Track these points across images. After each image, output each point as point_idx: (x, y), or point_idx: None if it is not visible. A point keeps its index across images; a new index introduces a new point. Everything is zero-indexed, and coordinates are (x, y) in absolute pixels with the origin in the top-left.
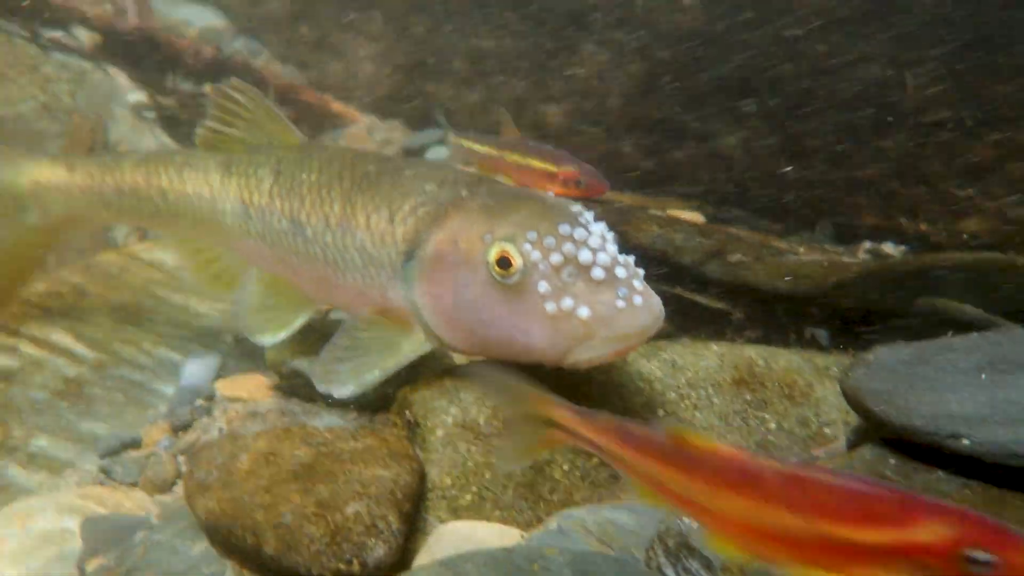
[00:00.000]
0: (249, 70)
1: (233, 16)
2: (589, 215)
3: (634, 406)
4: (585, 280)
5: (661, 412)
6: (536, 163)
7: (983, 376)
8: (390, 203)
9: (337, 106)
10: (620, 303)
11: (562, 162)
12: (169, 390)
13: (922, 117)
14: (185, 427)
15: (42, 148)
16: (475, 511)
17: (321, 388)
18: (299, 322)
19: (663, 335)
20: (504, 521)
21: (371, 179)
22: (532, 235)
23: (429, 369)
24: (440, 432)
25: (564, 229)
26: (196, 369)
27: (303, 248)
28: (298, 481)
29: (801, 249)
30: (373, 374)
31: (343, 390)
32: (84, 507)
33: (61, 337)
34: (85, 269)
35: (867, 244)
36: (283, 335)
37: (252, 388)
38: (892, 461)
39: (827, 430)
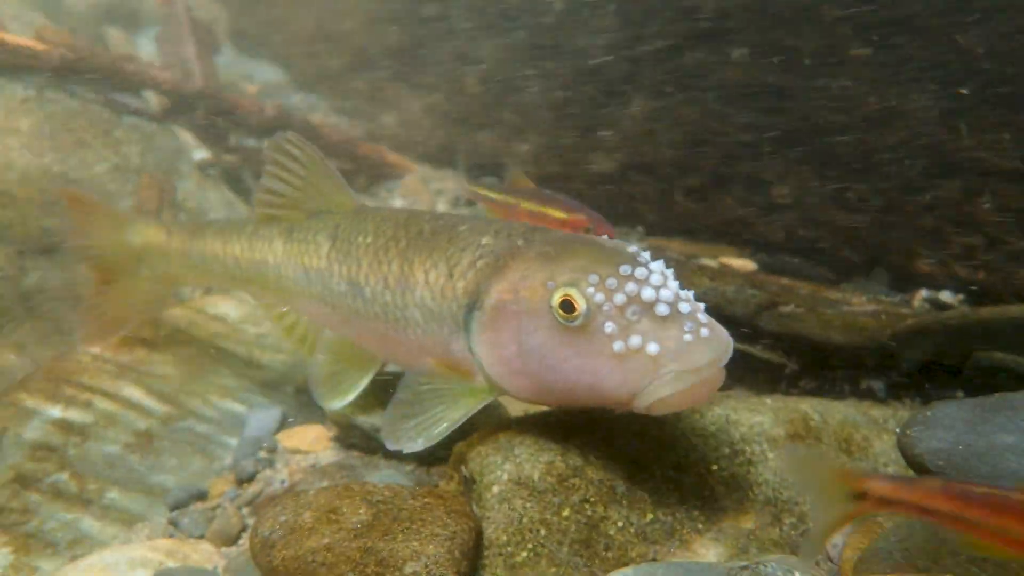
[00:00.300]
0: (308, 127)
1: (291, 71)
2: (646, 255)
3: (688, 462)
4: (650, 317)
5: (715, 467)
6: (549, 211)
7: None
8: (448, 259)
9: (392, 157)
10: (688, 336)
11: (572, 209)
12: (233, 442)
13: (978, 165)
14: (249, 479)
15: (119, 207)
16: (531, 568)
17: (391, 446)
18: (364, 382)
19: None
20: None
21: (426, 237)
22: (594, 278)
23: (484, 424)
24: (496, 489)
25: (624, 269)
26: (259, 421)
27: (363, 308)
28: (358, 540)
29: (855, 299)
30: (441, 427)
31: (413, 445)
32: (155, 560)
33: (132, 391)
34: (154, 324)
35: (923, 292)
36: (351, 398)
37: (312, 440)
38: None
39: None
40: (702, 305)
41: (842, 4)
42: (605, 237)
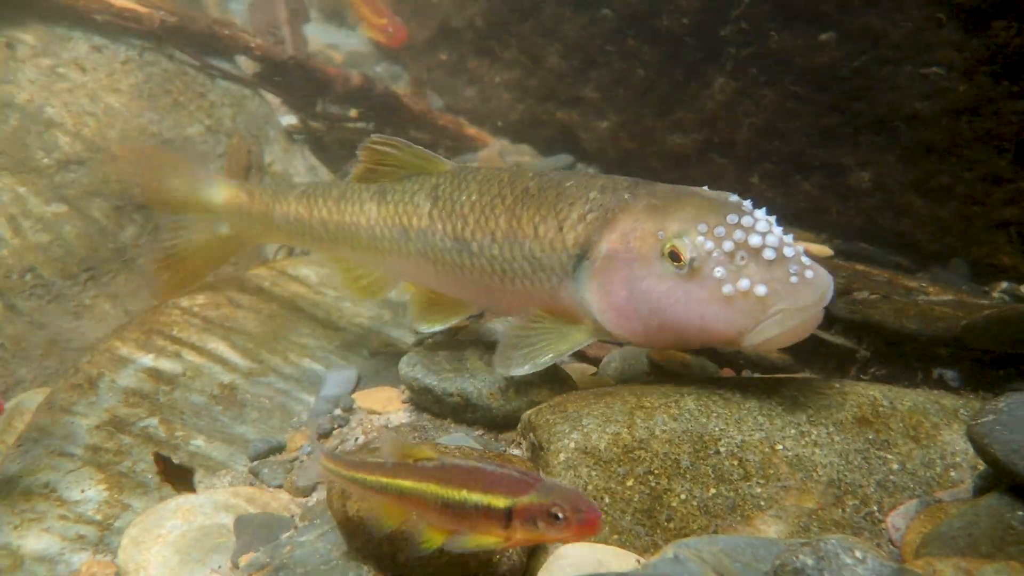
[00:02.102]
0: (391, 96)
1: (376, 41)
2: (749, 203)
3: (753, 440)
4: (758, 262)
5: (780, 447)
6: None
7: None
8: (557, 213)
9: (471, 130)
10: (794, 278)
11: None
12: (311, 399)
13: None
14: (326, 435)
15: (206, 167)
16: None
17: (500, 370)
18: (455, 320)
19: (783, 370)
20: (622, 545)
21: (532, 194)
22: (703, 227)
23: (552, 391)
24: (562, 456)
25: (731, 218)
26: (336, 380)
27: (468, 263)
28: None
29: (931, 288)
30: (547, 356)
31: (520, 370)
32: (237, 505)
33: (217, 345)
34: (239, 282)
35: (1004, 284)
36: (438, 328)
37: (385, 401)
38: (1020, 512)
39: (953, 473)
40: (802, 247)
41: None
42: (705, 188)
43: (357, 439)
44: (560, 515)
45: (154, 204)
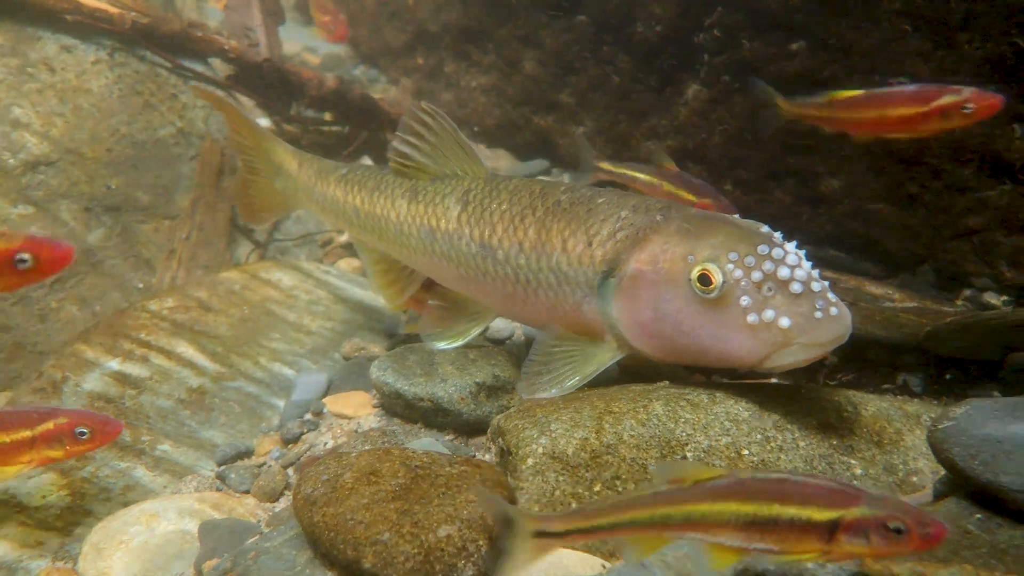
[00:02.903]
0: (367, 100)
1: (355, 44)
2: (780, 235)
3: (720, 445)
4: (784, 294)
5: (746, 452)
6: (682, 193)
7: None
8: (587, 229)
9: None
10: (819, 314)
11: (702, 193)
12: (281, 403)
13: None
14: (294, 440)
15: (176, 171)
16: None
17: (526, 396)
18: (475, 332)
19: (752, 376)
20: (588, 551)
21: (563, 207)
22: (734, 255)
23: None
24: (531, 461)
25: (763, 249)
26: (306, 385)
27: (492, 269)
28: (396, 501)
29: (897, 295)
30: (573, 380)
31: (546, 394)
32: (202, 511)
33: (186, 348)
34: (210, 285)
35: (968, 292)
36: (459, 343)
37: (356, 405)
38: (977, 516)
39: (914, 478)
40: (828, 283)
41: None
42: (737, 216)
43: (326, 444)
44: (902, 528)
45: (232, 144)
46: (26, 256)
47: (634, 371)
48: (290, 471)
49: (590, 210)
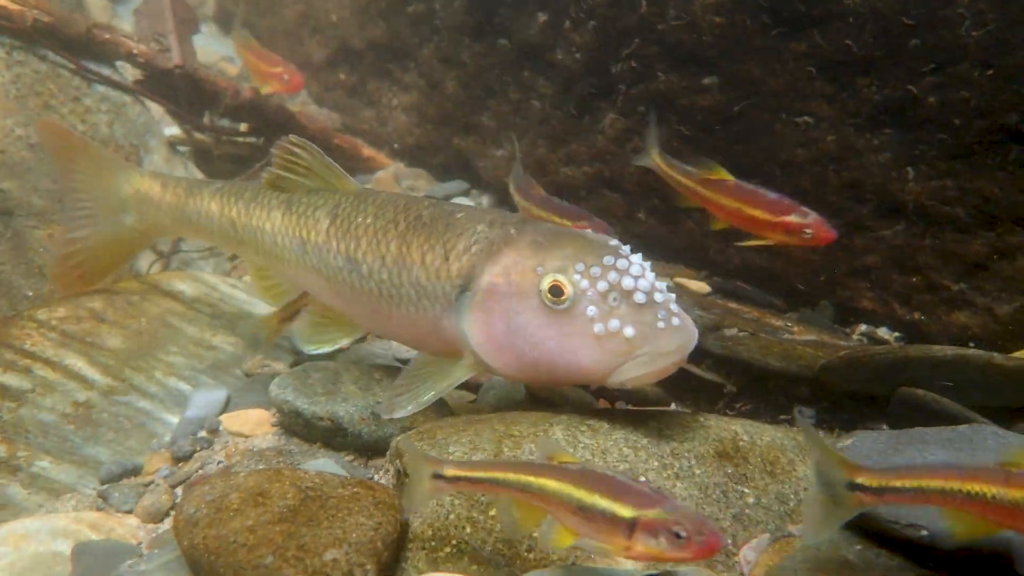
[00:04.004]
0: (284, 113)
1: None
2: (627, 248)
3: (617, 472)
4: (629, 304)
5: (643, 479)
6: (556, 220)
7: None
8: (445, 243)
9: (367, 151)
10: (661, 323)
11: (579, 218)
12: (174, 420)
13: (922, 210)
14: (186, 458)
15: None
16: (453, 563)
17: (385, 415)
18: (344, 342)
19: (654, 403)
20: None
21: (424, 221)
22: (580, 266)
23: (425, 418)
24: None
25: (608, 260)
26: (203, 401)
27: (358, 283)
28: (283, 524)
29: (796, 328)
30: (428, 395)
31: (403, 411)
32: (77, 531)
33: (75, 361)
34: (106, 295)
35: (863, 327)
36: (327, 349)
37: (254, 423)
38: (857, 546)
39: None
40: (674, 295)
41: (808, 40)
42: (590, 231)
43: (219, 462)
44: (682, 534)
45: (64, 188)
46: None
47: (541, 399)
48: (179, 490)
49: (448, 224)
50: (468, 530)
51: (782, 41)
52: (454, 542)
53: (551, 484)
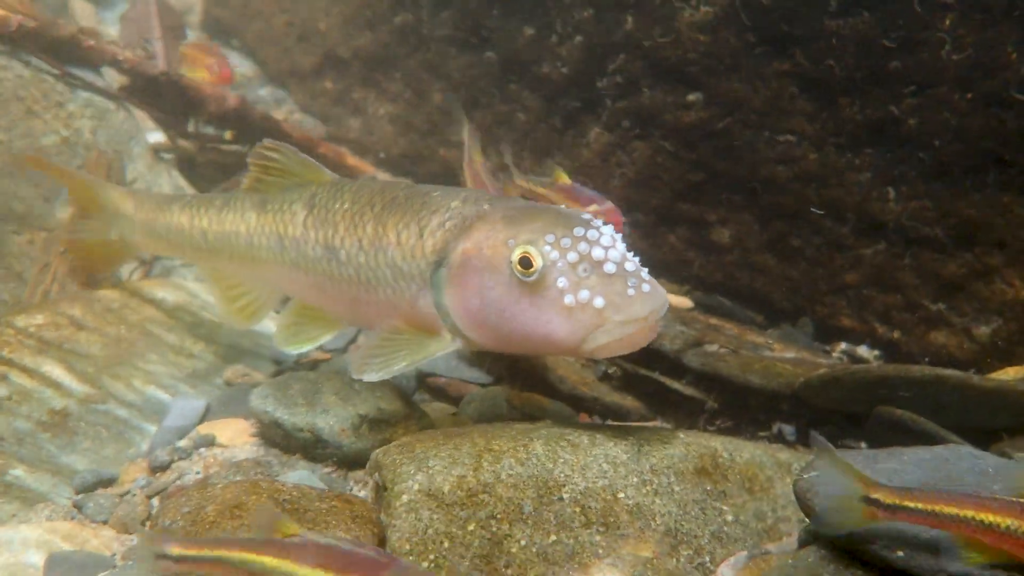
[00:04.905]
0: (269, 121)
1: (262, 64)
2: (598, 221)
3: (596, 487)
4: (599, 274)
5: (622, 495)
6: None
7: None
8: (419, 220)
9: (352, 160)
10: (631, 291)
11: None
12: (152, 429)
13: (902, 230)
14: (163, 468)
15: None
16: None
17: (354, 375)
18: (325, 338)
19: (636, 417)
20: None
21: (399, 202)
22: (551, 237)
23: (405, 431)
24: (405, 498)
25: (578, 231)
26: (181, 410)
27: (336, 271)
28: None
29: (776, 345)
30: (401, 364)
31: (372, 376)
32: (50, 542)
33: (52, 368)
34: (86, 302)
35: (843, 345)
36: (307, 348)
37: (233, 434)
38: (832, 566)
39: (782, 526)
40: (645, 268)
41: (791, 60)
42: (563, 206)
43: (197, 473)
44: None
45: (71, 201)
46: None
47: (523, 412)
48: (155, 501)
49: (424, 203)
50: (447, 545)
51: (765, 60)
52: (432, 556)
53: (271, 562)
